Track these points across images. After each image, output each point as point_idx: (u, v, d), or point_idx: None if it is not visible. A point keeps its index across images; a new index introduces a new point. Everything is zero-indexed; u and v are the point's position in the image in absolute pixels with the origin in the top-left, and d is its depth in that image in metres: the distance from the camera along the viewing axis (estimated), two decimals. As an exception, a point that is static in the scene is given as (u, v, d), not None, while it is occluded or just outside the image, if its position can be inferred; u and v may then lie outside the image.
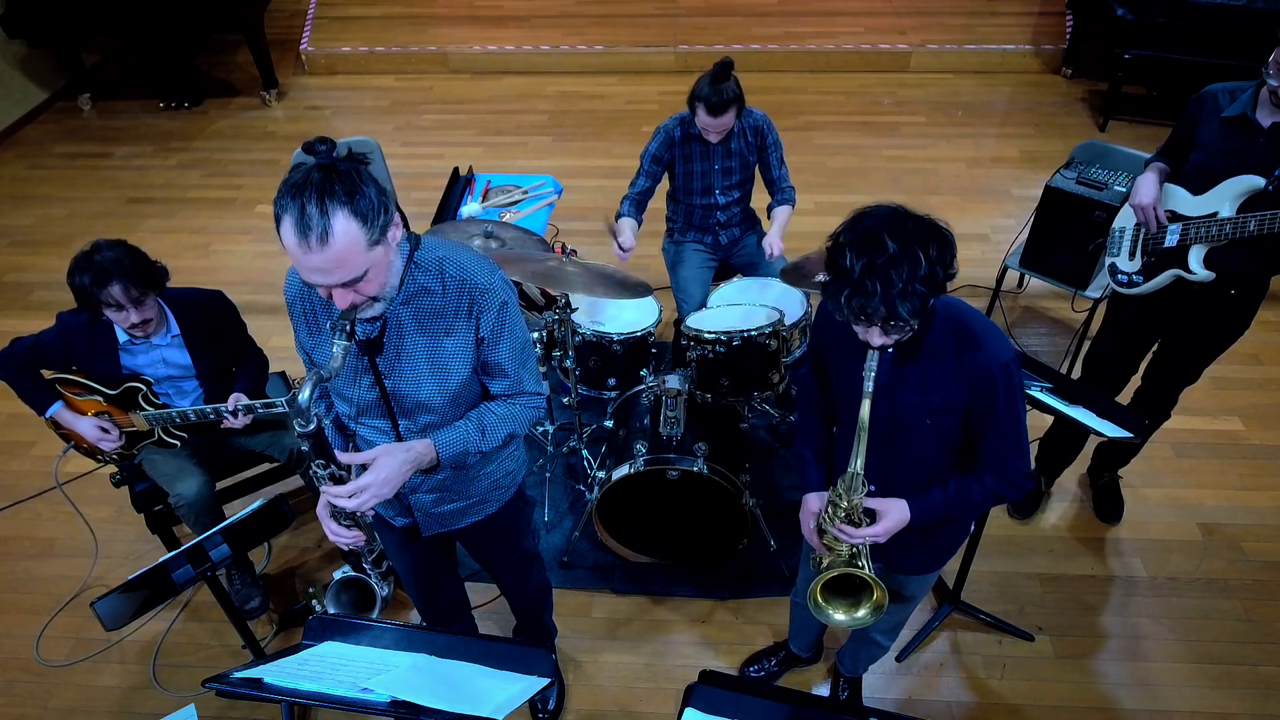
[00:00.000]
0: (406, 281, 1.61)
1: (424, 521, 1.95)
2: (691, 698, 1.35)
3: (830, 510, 1.77)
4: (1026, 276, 3.78)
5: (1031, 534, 3.06)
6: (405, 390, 1.69)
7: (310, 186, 1.36)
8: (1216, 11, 4.82)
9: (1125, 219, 2.59)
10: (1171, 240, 2.41)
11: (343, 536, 1.78)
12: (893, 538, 1.75)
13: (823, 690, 2.64)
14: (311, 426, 1.50)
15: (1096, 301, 3.36)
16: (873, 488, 1.75)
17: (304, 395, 1.46)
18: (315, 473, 1.61)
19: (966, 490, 1.72)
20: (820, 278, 1.60)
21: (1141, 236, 2.51)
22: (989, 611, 2.76)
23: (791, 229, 3.17)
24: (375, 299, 1.53)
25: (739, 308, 3.03)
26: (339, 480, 1.62)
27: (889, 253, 1.43)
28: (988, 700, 2.58)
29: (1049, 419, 2.92)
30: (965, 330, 1.62)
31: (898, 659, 2.68)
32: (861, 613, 1.83)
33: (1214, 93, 2.33)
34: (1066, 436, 2.99)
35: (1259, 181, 2.21)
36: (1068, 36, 5.92)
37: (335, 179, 1.38)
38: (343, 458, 1.63)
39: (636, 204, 3.13)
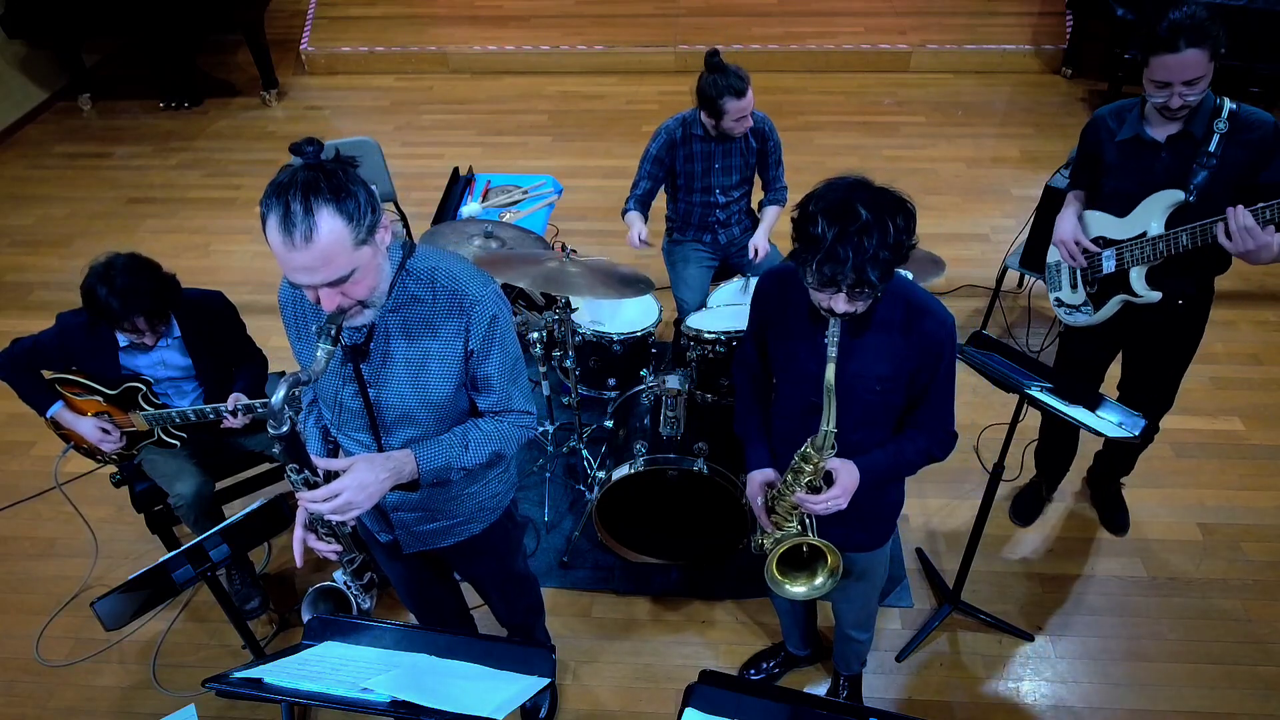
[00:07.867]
0: (397, 289, 1.58)
1: (405, 539, 1.92)
2: (691, 698, 1.35)
3: (792, 476, 1.78)
4: (1026, 276, 3.78)
5: (1032, 534, 3.06)
6: (389, 401, 1.66)
7: (295, 185, 1.35)
8: (1216, 11, 4.80)
9: (1057, 253, 2.55)
10: (1109, 266, 2.38)
11: (318, 546, 1.75)
12: (834, 514, 1.79)
13: (823, 690, 2.64)
14: (285, 429, 1.46)
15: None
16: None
17: (277, 398, 1.42)
18: (290, 478, 1.58)
19: (903, 450, 1.81)
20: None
21: (1078, 268, 2.49)
22: (989, 611, 2.76)
23: (788, 229, 3.17)
24: (364, 305, 1.50)
25: (739, 308, 3.03)
26: (314, 486, 1.57)
27: (861, 220, 1.48)
28: (988, 700, 2.58)
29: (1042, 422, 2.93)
30: (913, 300, 1.71)
31: (898, 659, 2.68)
32: (819, 580, 1.86)
33: (1101, 117, 2.33)
34: (1061, 440, 2.96)
35: (1179, 195, 2.20)
36: (1068, 36, 5.92)
37: (321, 178, 1.37)
38: (320, 464, 1.58)
39: (641, 203, 3.15)
